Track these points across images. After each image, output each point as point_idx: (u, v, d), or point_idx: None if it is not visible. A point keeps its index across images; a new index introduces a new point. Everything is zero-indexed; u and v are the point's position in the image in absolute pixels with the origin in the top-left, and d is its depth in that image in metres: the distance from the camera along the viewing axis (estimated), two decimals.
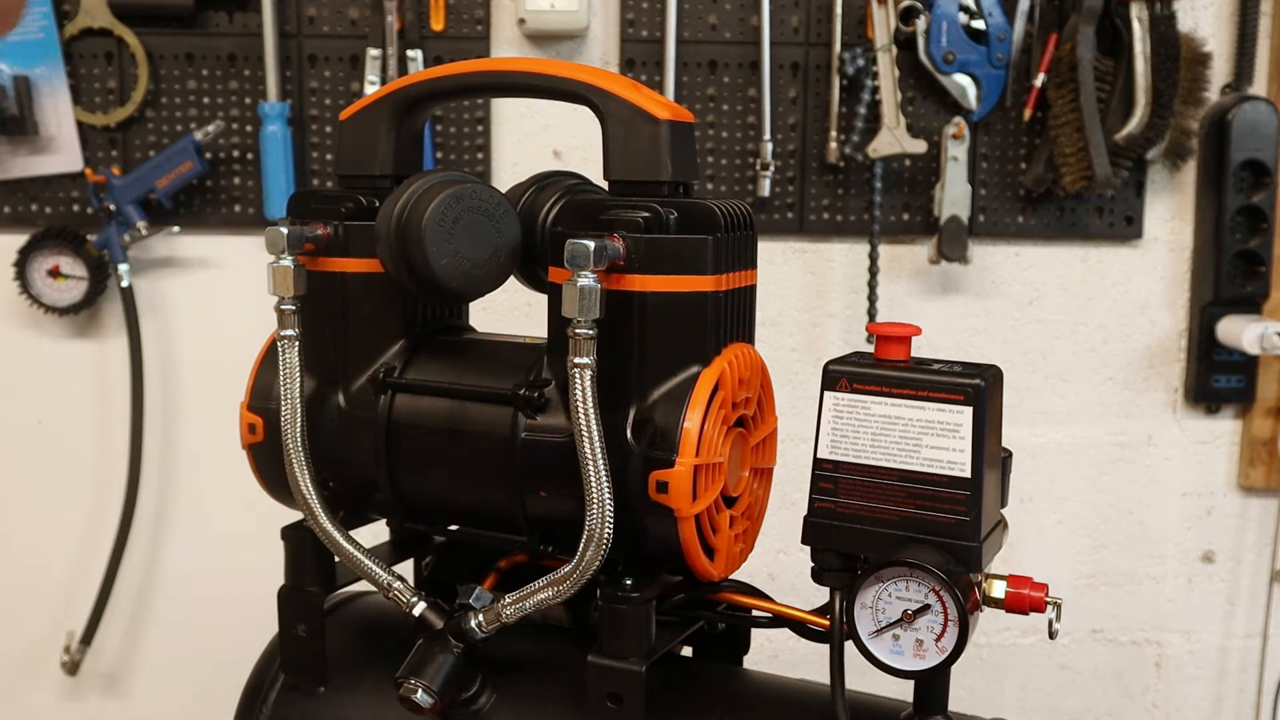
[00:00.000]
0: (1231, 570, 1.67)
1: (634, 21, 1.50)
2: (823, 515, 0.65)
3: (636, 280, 0.66)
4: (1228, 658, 1.69)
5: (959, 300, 1.59)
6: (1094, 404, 1.62)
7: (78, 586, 1.59)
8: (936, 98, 1.52)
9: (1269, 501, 1.64)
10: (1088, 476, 1.64)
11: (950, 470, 0.61)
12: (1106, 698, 1.69)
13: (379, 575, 0.73)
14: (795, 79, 1.52)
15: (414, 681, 0.69)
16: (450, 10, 1.49)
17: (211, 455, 1.58)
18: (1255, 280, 1.56)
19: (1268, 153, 1.53)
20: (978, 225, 1.55)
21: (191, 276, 1.55)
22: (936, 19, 1.48)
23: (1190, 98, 1.52)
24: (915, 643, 0.61)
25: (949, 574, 0.60)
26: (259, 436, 0.76)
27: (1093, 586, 1.66)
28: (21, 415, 1.58)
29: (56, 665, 1.58)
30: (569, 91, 0.71)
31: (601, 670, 0.67)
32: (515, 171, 1.53)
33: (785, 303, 1.56)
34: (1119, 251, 1.60)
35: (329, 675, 0.78)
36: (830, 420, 0.64)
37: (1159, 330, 1.62)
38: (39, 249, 1.49)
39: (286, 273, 0.71)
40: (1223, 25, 1.56)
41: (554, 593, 0.67)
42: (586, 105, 0.71)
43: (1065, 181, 1.49)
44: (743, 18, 1.51)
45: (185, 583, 1.61)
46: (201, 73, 1.49)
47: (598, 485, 0.64)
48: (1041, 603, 0.63)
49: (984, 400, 0.61)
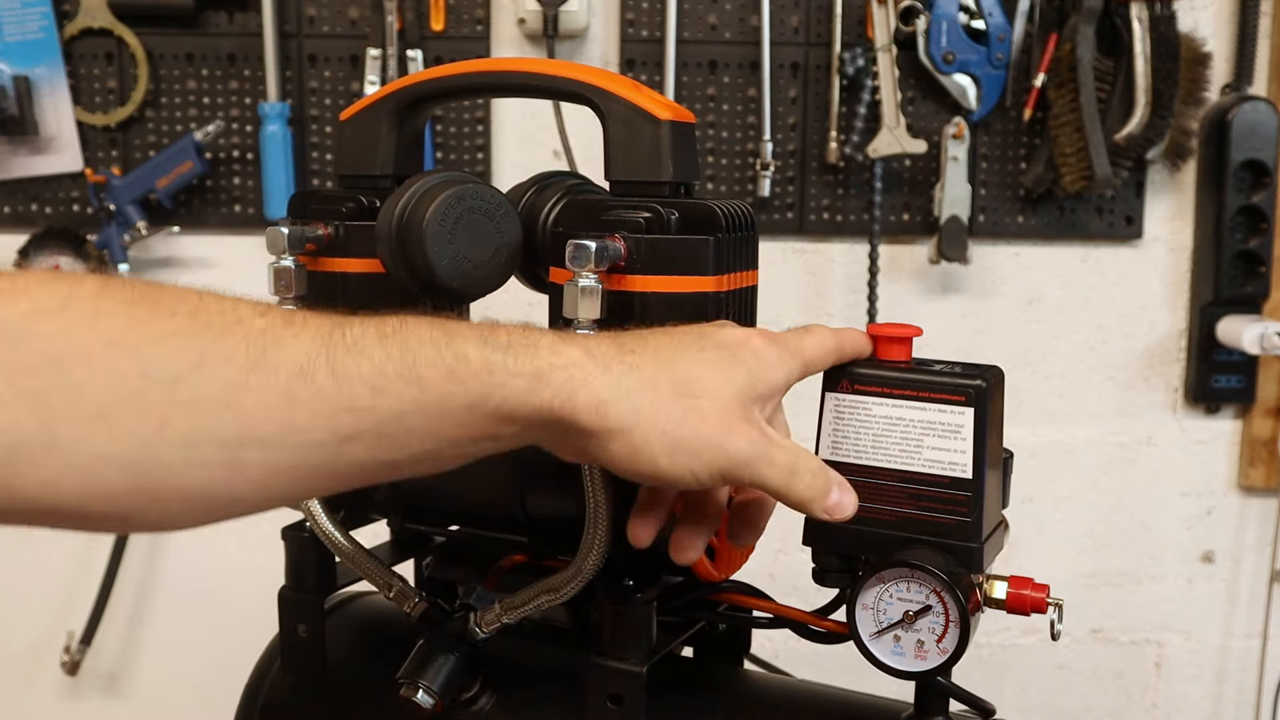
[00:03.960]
0: (1231, 570, 1.67)
1: (634, 21, 1.50)
2: None
3: (638, 281, 0.66)
4: (1228, 658, 1.69)
5: (959, 300, 1.59)
6: (1094, 404, 1.63)
7: (78, 586, 1.59)
8: (936, 98, 1.52)
9: (1269, 501, 1.64)
10: (1088, 476, 1.64)
11: (951, 471, 0.61)
12: (1106, 698, 1.69)
13: (379, 575, 0.73)
14: (795, 79, 1.52)
15: (415, 682, 0.69)
16: (450, 10, 1.49)
17: None
18: (1255, 280, 1.56)
19: (1268, 153, 1.53)
20: (978, 225, 1.55)
21: (191, 276, 1.55)
22: (936, 19, 1.48)
23: (1190, 98, 1.52)
24: (916, 644, 0.61)
25: (950, 575, 0.60)
26: None
27: (1093, 586, 1.66)
28: None
29: (56, 665, 1.58)
30: (569, 91, 0.71)
31: (602, 671, 0.67)
32: (515, 172, 1.53)
33: (785, 303, 1.56)
34: (1119, 251, 1.60)
35: (329, 675, 0.78)
36: (831, 421, 0.64)
37: (1159, 330, 1.62)
38: (39, 249, 1.49)
39: (287, 273, 0.71)
40: (1223, 25, 1.56)
41: (555, 593, 0.67)
42: (587, 105, 0.71)
43: (1065, 181, 1.49)
44: (743, 18, 1.51)
45: (185, 583, 1.61)
46: (201, 73, 1.49)
47: (598, 485, 0.63)
48: (1042, 603, 0.63)
49: (985, 401, 0.61)
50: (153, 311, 0.48)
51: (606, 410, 0.53)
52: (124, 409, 0.46)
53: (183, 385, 0.47)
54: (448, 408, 0.51)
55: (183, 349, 0.47)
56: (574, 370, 0.53)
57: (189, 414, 0.47)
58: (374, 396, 0.50)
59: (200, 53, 1.49)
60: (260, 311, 0.50)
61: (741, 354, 0.57)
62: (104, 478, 0.46)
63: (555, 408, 0.52)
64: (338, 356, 0.49)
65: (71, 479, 0.46)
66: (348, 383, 0.49)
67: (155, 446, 0.47)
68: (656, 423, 0.54)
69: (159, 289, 0.49)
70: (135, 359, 0.46)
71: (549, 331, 0.55)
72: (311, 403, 0.49)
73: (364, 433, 0.50)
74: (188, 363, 0.47)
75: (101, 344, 0.46)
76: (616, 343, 0.55)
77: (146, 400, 0.46)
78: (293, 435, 0.49)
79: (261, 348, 0.48)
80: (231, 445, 0.48)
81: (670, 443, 0.54)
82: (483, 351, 0.52)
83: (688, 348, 0.56)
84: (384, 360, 0.50)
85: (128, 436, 0.46)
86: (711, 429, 0.55)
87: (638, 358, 0.55)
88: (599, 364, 0.53)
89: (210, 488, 0.49)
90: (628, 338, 0.56)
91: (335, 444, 0.50)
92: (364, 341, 0.50)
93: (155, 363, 0.46)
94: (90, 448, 0.46)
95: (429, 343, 0.51)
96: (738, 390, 0.56)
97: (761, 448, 0.56)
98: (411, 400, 0.50)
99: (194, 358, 0.47)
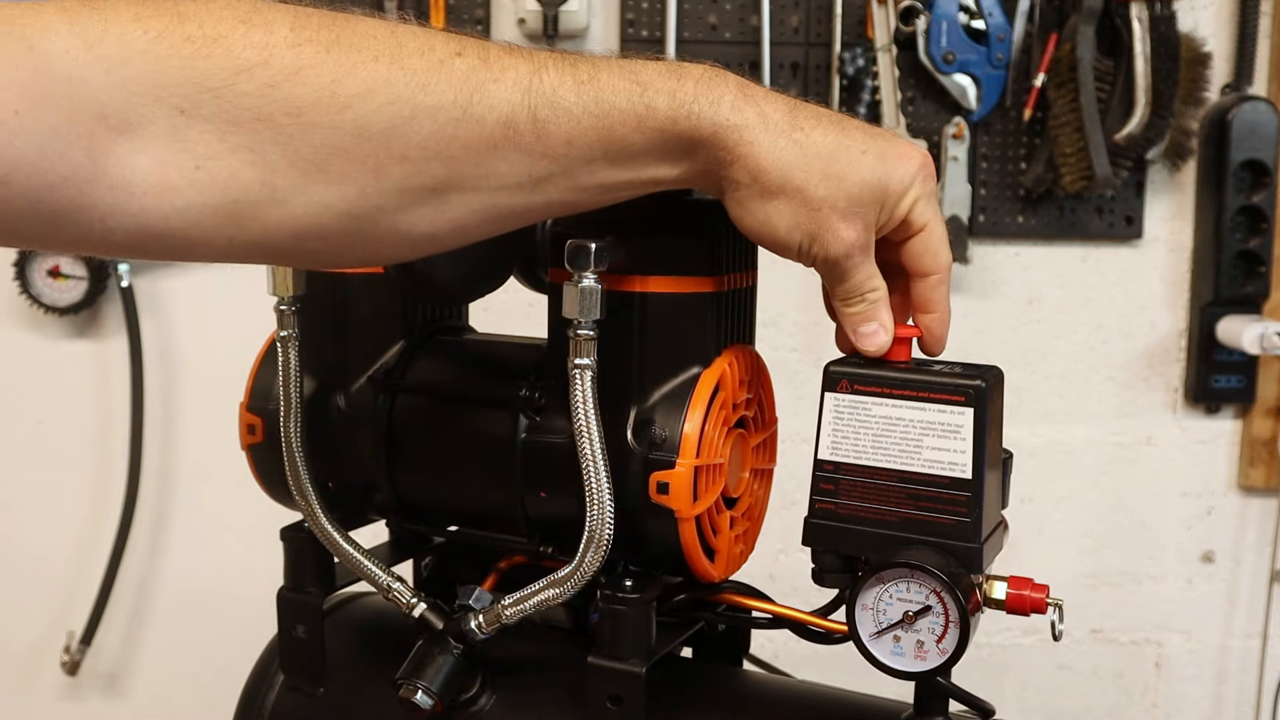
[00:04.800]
0: (1231, 570, 1.67)
1: (634, 21, 1.50)
2: (823, 516, 0.64)
3: (637, 281, 0.66)
4: (1228, 658, 1.68)
5: (959, 300, 1.59)
6: (1094, 404, 1.62)
7: (78, 586, 1.59)
8: (936, 98, 1.52)
9: (1269, 501, 1.64)
10: (1088, 476, 1.64)
11: (951, 471, 0.61)
12: (1106, 698, 1.69)
13: (378, 576, 0.73)
14: (795, 79, 1.52)
15: (414, 682, 0.69)
16: (450, 10, 1.49)
17: (211, 455, 1.58)
18: (1255, 280, 1.56)
19: (1268, 153, 1.53)
20: (978, 225, 1.55)
21: (191, 277, 1.55)
22: (936, 19, 1.48)
23: (1190, 98, 1.52)
24: (916, 644, 0.61)
25: (950, 575, 0.60)
26: (258, 437, 0.76)
27: (1093, 586, 1.66)
28: (21, 415, 1.58)
29: (56, 665, 1.58)
30: None
31: (601, 671, 0.67)
32: None
33: (785, 303, 1.56)
34: (1119, 251, 1.60)
35: (328, 676, 0.78)
36: (831, 421, 0.64)
37: (1159, 330, 1.62)
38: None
39: (286, 273, 0.71)
40: (1223, 25, 1.56)
41: (554, 594, 0.66)
42: None
43: (1065, 181, 1.49)
44: (743, 18, 1.50)
45: (185, 583, 1.61)
46: None
47: (598, 486, 0.63)
48: (1042, 604, 0.63)
49: (985, 401, 0.61)
50: (355, 59, 0.50)
51: (760, 175, 0.57)
52: (340, 161, 0.49)
53: (396, 138, 0.50)
54: (633, 153, 0.56)
55: (393, 102, 0.50)
56: (745, 132, 0.57)
57: (402, 164, 0.51)
58: (568, 146, 0.54)
59: None
60: (457, 50, 0.53)
61: (889, 165, 0.60)
62: (320, 220, 0.50)
63: (721, 160, 0.57)
64: (538, 107, 0.53)
65: (291, 225, 0.50)
66: (546, 134, 0.53)
67: (370, 195, 0.51)
68: (794, 198, 0.58)
69: (353, 26, 0.51)
70: (347, 112, 0.49)
71: (732, 86, 0.57)
72: (513, 152, 0.53)
73: (556, 175, 0.55)
74: (400, 115, 0.50)
75: (311, 98, 0.48)
76: (790, 113, 0.58)
77: (361, 152, 0.50)
78: (494, 179, 0.54)
79: (468, 96, 0.52)
80: (439, 190, 0.53)
81: (793, 222, 0.59)
82: (670, 105, 0.55)
83: (851, 148, 0.59)
84: (581, 112, 0.54)
85: (346, 184, 0.50)
86: (829, 222, 0.59)
87: (804, 134, 0.58)
88: (769, 130, 0.57)
89: (414, 228, 0.53)
90: (802, 112, 0.59)
91: (530, 186, 0.55)
92: (561, 91, 0.54)
93: (367, 117, 0.49)
94: (308, 197, 0.49)
95: (623, 94, 0.55)
96: (869, 196, 0.59)
97: (855, 261, 0.61)
98: (601, 149, 0.55)
99: (405, 111, 0.50)
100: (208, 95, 0.47)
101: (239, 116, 0.47)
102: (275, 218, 0.49)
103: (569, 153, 0.55)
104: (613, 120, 0.55)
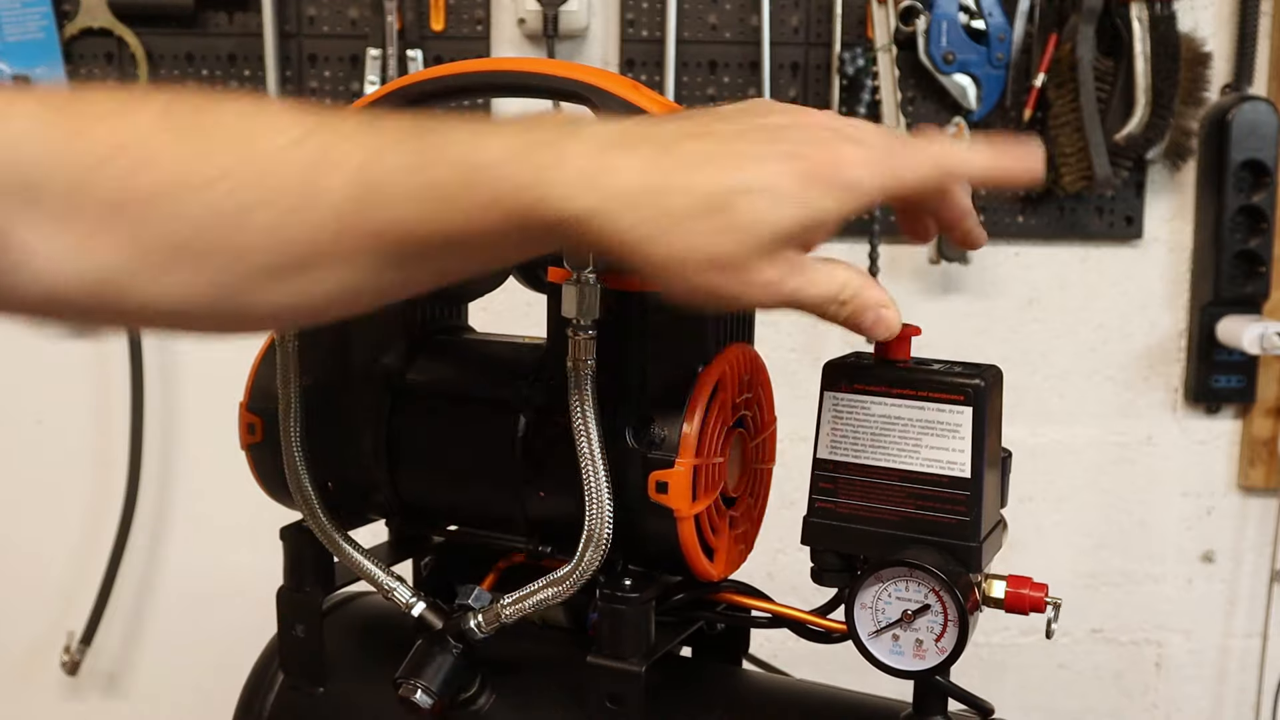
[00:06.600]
0: (1231, 570, 1.67)
1: (634, 21, 1.50)
2: (822, 515, 0.64)
3: (637, 280, 0.66)
4: (1228, 658, 1.68)
5: (959, 300, 1.59)
6: (1094, 404, 1.62)
7: (78, 586, 1.59)
8: (936, 98, 1.52)
9: (1269, 501, 1.64)
10: (1088, 476, 1.64)
11: (950, 470, 0.61)
12: (1106, 698, 1.69)
13: (378, 576, 0.73)
14: (795, 79, 1.52)
15: (413, 682, 0.69)
16: (450, 10, 1.49)
17: (211, 455, 1.58)
18: (1255, 280, 1.56)
19: (1268, 153, 1.53)
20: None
21: None
22: (936, 19, 1.48)
23: (1190, 98, 1.52)
24: (915, 643, 0.61)
25: (949, 574, 0.60)
26: (258, 437, 0.76)
27: (1093, 586, 1.66)
28: (21, 415, 1.58)
29: (56, 665, 1.58)
30: (568, 91, 0.71)
31: (601, 671, 0.67)
32: None
33: None
34: (1119, 251, 1.60)
35: (328, 676, 0.78)
36: (830, 420, 0.64)
37: (1159, 330, 1.62)
38: None
39: None
40: (1223, 25, 1.56)
41: (553, 593, 0.66)
42: (586, 105, 0.71)
43: (1065, 181, 1.49)
44: (743, 18, 1.51)
45: (185, 583, 1.61)
46: (201, 73, 1.49)
47: (597, 486, 0.63)
48: (1041, 603, 0.63)
49: (984, 400, 0.61)
50: (206, 146, 0.51)
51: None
52: (196, 245, 0.51)
53: (245, 223, 0.51)
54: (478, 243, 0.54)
55: (236, 190, 0.51)
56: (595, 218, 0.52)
57: (253, 249, 0.52)
58: (402, 241, 0.53)
59: (200, 53, 1.49)
60: (302, 136, 0.52)
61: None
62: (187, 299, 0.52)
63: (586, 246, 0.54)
64: (366, 199, 0.52)
65: (162, 304, 0.52)
66: (378, 224, 0.52)
67: (226, 277, 0.52)
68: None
69: (215, 111, 0.52)
70: (196, 199, 0.51)
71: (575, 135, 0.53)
72: (350, 239, 0.52)
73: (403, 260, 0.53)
74: (245, 203, 0.51)
75: (163, 186, 0.50)
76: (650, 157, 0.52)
77: (213, 237, 0.51)
78: (343, 264, 0.53)
79: (305, 184, 0.52)
80: (293, 271, 0.53)
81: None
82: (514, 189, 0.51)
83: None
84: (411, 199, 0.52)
85: (202, 267, 0.52)
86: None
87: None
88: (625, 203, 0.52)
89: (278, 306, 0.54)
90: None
91: (377, 270, 0.53)
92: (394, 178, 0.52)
93: (216, 204, 0.51)
94: (172, 278, 0.51)
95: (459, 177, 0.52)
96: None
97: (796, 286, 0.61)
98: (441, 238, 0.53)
99: (250, 198, 0.51)
100: (81, 181, 0.50)
101: (104, 201, 0.50)
102: (147, 296, 0.52)
103: (402, 249, 0.52)
104: (450, 207, 0.51)
